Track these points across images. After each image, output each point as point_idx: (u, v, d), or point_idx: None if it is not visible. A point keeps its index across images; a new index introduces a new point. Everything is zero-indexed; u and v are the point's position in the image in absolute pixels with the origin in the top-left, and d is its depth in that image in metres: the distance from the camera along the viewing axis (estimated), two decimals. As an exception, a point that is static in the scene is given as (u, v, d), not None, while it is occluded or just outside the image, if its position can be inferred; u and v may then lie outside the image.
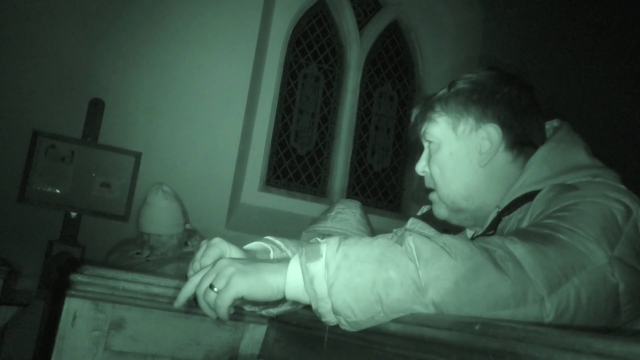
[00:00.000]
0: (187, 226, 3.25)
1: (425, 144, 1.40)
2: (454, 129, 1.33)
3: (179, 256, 3.07)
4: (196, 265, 1.10)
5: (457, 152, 1.32)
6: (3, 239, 3.61)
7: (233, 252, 1.14)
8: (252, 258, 1.14)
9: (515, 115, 1.31)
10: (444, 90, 1.37)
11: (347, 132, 4.86)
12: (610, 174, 1.21)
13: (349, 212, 2.65)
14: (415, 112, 1.43)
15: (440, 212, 1.37)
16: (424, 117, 1.38)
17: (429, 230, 1.40)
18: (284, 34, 4.68)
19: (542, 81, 4.27)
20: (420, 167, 1.40)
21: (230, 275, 0.98)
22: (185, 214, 3.24)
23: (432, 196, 1.39)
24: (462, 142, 1.32)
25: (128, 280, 1.39)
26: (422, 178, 1.42)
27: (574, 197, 1.11)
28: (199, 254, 1.12)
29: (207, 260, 1.09)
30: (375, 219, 4.48)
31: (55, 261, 3.80)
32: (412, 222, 1.46)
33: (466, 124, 1.32)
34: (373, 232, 2.73)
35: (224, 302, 0.97)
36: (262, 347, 1.52)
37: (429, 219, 1.45)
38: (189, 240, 3.18)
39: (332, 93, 4.95)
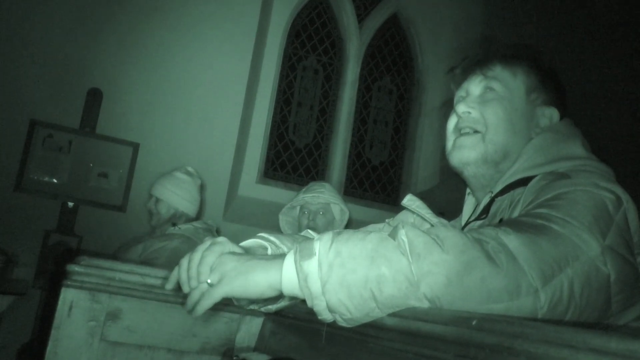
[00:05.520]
0: (210, 221, 3.23)
1: (480, 86, 1.38)
2: (528, 92, 1.36)
3: (161, 235, 3.03)
4: (196, 255, 1.06)
5: (522, 113, 1.34)
6: (0, 228, 3.61)
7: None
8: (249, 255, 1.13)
9: (565, 112, 1.39)
10: (530, 54, 1.42)
11: (346, 125, 4.85)
12: (601, 167, 1.22)
13: (319, 184, 3.05)
14: (477, 55, 1.43)
15: (471, 155, 1.33)
16: (504, 63, 1.38)
17: (426, 211, 1.39)
18: (284, 26, 4.66)
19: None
20: (467, 106, 1.35)
21: (224, 273, 0.99)
22: (196, 200, 3.19)
23: (468, 139, 1.35)
24: (529, 107, 1.35)
25: (124, 271, 1.39)
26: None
27: (565, 186, 1.11)
28: (201, 247, 1.07)
29: (210, 255, 1.05)
30: (373, 212, 4.49)
31: (52, 251, 3.80)
32: (409, 199, 1.43)
33: (539, 96, 1.36)
34: (345, 204, 3.02)
35: (212, 299, 0.99)
36: (258, 339, 1.52)
37: (426, 198, 1.44)
38: (177, 222, 3.11)
39: (331, 86, 4.94)
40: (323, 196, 2.91)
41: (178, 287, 1.08)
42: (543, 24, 4.99)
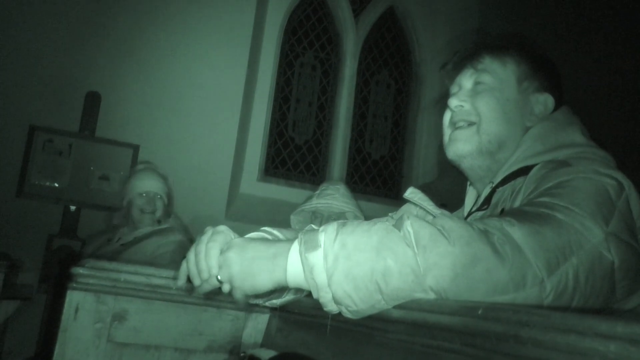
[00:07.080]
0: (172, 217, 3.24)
1: (471, 80, 1.39)
2: (519, 81, 1.37)
3: (154, 232, 3.02)
4: (201, 247, 1.08)
5: (515, 102, 1.35)
6: (3, 233, 3.61)
7: None
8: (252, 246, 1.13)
9: (561, 97, 1.40)
10: (519, 43, 1.43)
11: (345, 120, 4.85)
12: (601, 154, 1.22)
13: (332, 189, 2.88)
14: (466, 49, 1.44)
15: (465, 147, 1.35)
16: (493, 54, 1.39)
17: (428, 203, 1.39)
18: (280, 23, 4.65)
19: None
20: (459, 100, 1.38)
21: (231, 275, 1.01)
22: (170, 191, 3.22)
23: (462, 132, 1.36)
24: (521, 96, 1.36)
25: (129, 272, 1.40)
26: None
27: (566, 174, 1.11)
28: (204, 238, 1.08)
29: (215, 246, 1.06)
30: (374, 207, 4.48)
31: (55, 255, 3.80)
32: (411, 191, 1.44)
33: (531, 84, 1.37)
34: (359, 208, 2.88)
35: (241, 300, 1.04)
36: (264, 336, 1.53)
37: (428, 190, 1.45)
38: (162, 219, 3.11)
39: (329, 81, 4.94)
40: (336, 204, 2.81)
41: (187, 281, 1.11)
42: (540, 15, 4.98)
